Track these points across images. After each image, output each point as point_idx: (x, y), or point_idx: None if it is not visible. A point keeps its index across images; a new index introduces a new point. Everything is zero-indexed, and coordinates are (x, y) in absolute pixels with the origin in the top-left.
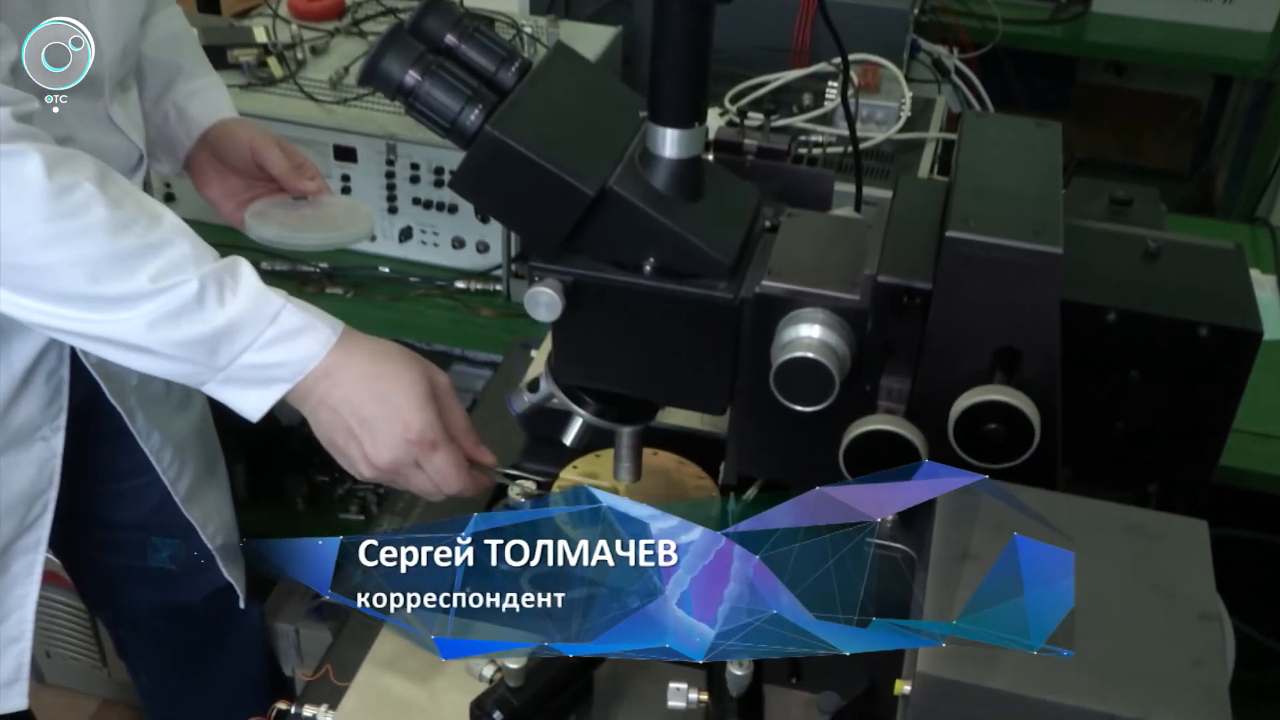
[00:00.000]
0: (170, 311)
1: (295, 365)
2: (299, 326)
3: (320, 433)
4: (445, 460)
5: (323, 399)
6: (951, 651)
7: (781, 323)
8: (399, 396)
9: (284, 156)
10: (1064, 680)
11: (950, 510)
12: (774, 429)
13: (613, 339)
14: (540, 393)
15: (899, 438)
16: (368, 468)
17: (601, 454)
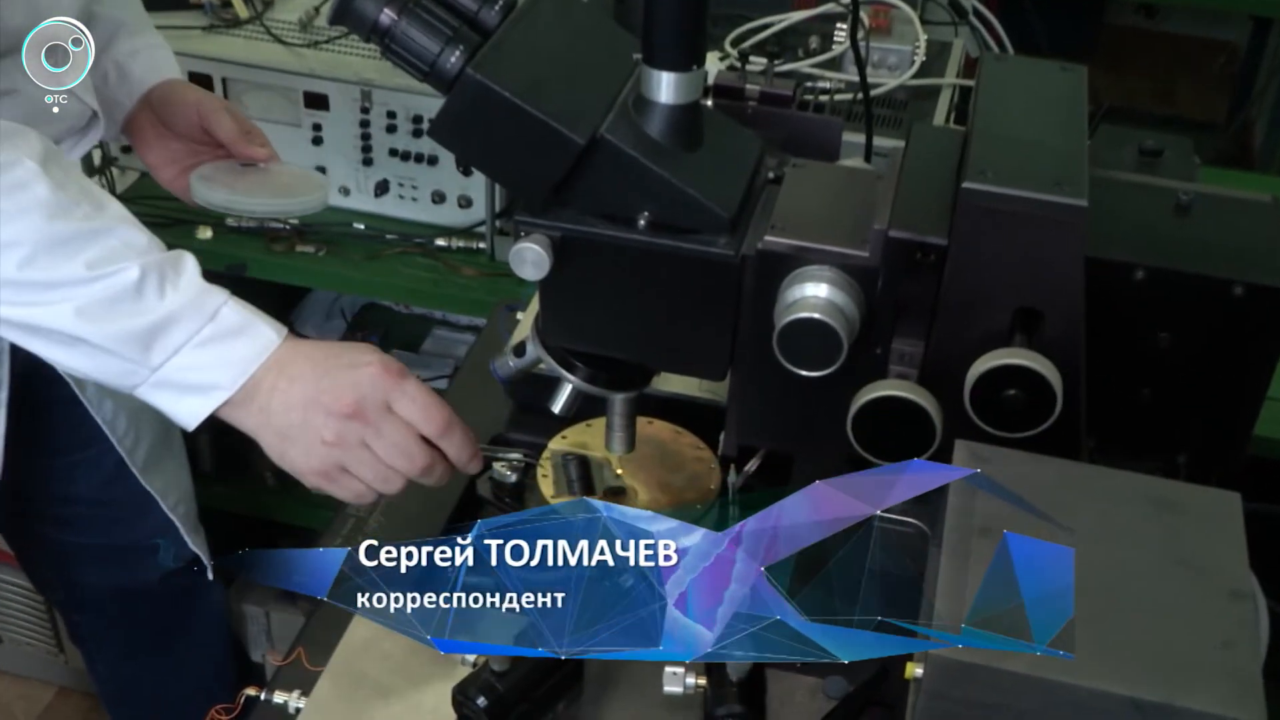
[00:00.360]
0: (105, 299)
1: (234, 369)
2: (238, 325)
3: (265, 442)
4: (422, 386)
5: (264, 408)
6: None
7: (785, 281)
8: (352, 349)
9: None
10: (1085, 662)
11: (964, 487)
12: (777, 396)
13: (604, 299)
14: (526, 357)
15: (911, 404)
16: (326, 429)
17: (593, 423)
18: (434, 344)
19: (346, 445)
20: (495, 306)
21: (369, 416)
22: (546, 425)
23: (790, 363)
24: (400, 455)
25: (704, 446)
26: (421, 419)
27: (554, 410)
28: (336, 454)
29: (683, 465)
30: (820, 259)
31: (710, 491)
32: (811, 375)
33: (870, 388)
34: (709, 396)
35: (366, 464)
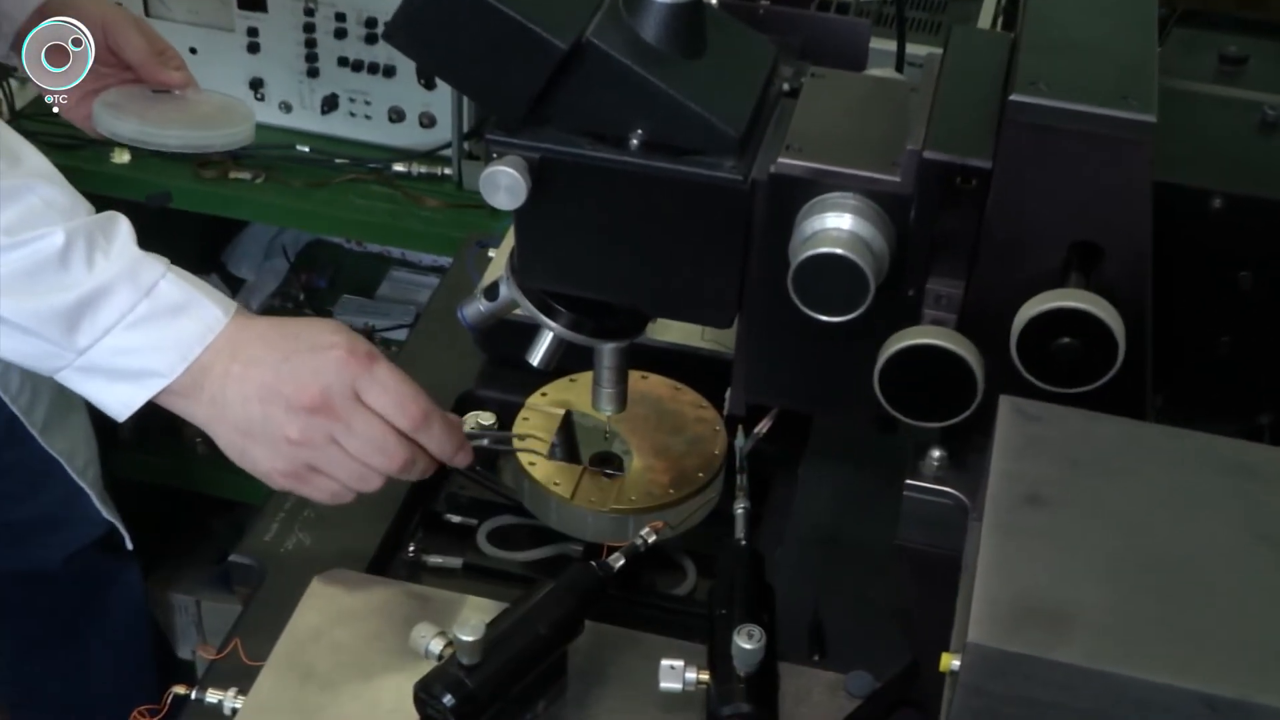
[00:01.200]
0: (24, 271)
1: (173, 352)
2: (179, 302)
3: (222, 439)
4: (395, 373)
5: (217, 399)
6: (1011, 617)
7: (803, 211)
8: (312, 328)
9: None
10: (1150, 652)
11: (1012, 444)
12: (792, 345)
13: (591, 232)
14: (500, 300)
15: (949, 354)
16: (289, 426)
17: (577, 378)
18: (391, 287)
19: (314, 444)
20: (463, 242)
21: (336, 410)
22: (523, 381)
23: (808, 306)
24: (375, 452)
25: (707, 405)
26: (394, 411)
27: (532, 363)
28: (304, 453)
29: (683, 427)
30: (843, 184)
31: (715, 457)
32: (833, 321)
33: (901, 335)
34: (713, 347)
35: (338, 463)
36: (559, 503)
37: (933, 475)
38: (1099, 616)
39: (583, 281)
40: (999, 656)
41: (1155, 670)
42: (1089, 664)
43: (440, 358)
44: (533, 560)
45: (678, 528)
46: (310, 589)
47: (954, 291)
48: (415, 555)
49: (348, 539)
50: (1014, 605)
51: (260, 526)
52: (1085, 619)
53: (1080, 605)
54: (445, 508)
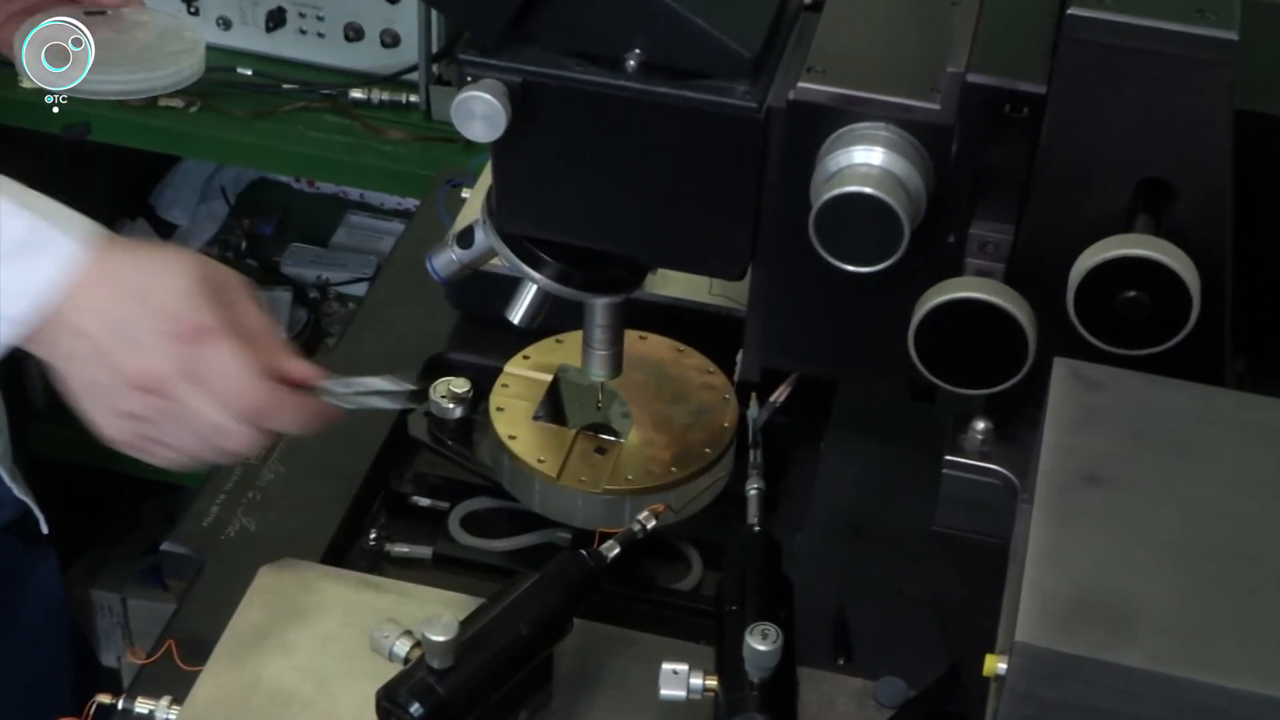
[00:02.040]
0: None
1: (22, 300)
2: (22, 236)
3: (71, 397)
4: (230, 357)
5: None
6: (1065, 614)
7: (826, 144)
8: (160, 286)
9: None
10: (1224, 654)
11: (1068, 415)
12: (814, 300)
13: (580, 168)
14: (475, 248)
15: (995, 310)
16: (123, 400)
17: (565, 338)
18: (348, 234)
19: (151, 419)
20: (432, 181)
21: (168, 391)
22: (502, 342)
23: (832, 255)
24: (215, 433)
25: (716, 370)
26: (225, 402)
27: (512, 320)
28: (142, 427)
29: (687, 394)
30: (873, 113)
31: (724, 430)
32: (861, 272)
33: (940, 289)
34: (722, 303)
35: (179, 436)
36: (544, 483)
37: (976, 450)
38: (1166, 613)
39: (571, 226)
40: (1051, 658)
41: (1229, 674)
42: (1154, 667)
43: (405, 316)
44: (513, 549)
45: (681, 511)
46: (256, 582)
47: (1002, 237)
48: (377, 543)
49: (299, 524)
50: (1069, 600)
51: (197, 511)
52: (1150, 616)
53: (1145, 600)
54: (412, 489)
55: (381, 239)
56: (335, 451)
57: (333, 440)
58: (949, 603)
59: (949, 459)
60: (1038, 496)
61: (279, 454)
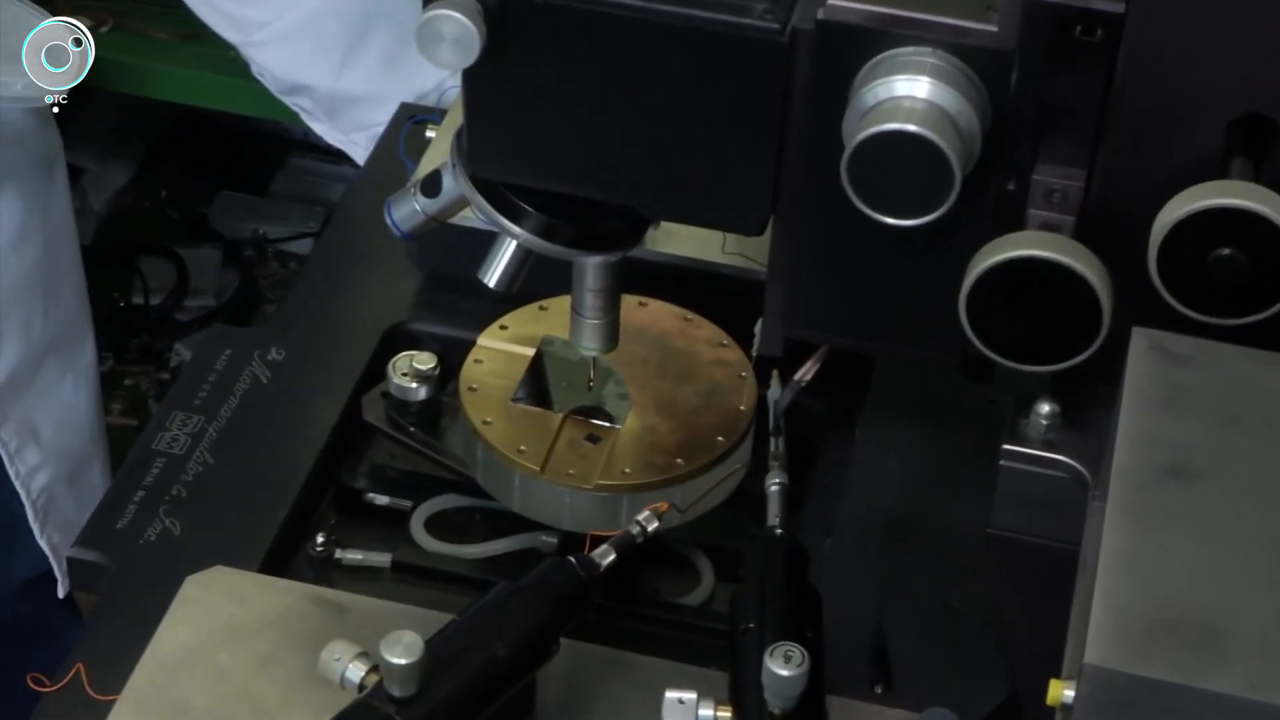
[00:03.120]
0: None
1: None
2: None
3: None
4: None
5: None
6: (1144, 632)
7: (863, 73)
8: None
9: None
10: None
11: (1149, 395)
12: (847, 259)
13: (569, 102)
14: (443, 197)
15: (1064, 271)
16: None
17: (550, 304)
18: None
19: None
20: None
21: None
22: (475, 309)
23: (869, 205)
24: None
25: (730, 342)
26: None
27: (487, 283)
28: None
29: (696, 372)
30: (918, 36)
31: (740, 414)
32: (904, 225)
33: (997, 245)
34: (737, 262)
35: None
36: (524, 477)
37: (1040, 439)
38: (1263, 631)
39: (558, 170)
40: (1127, 684)
41: None
42: (1248, 694)
43: (360, 278)
44: (488, 556)
45: (688, 511)
46: (181, 594)
47: (1071, 184)
48: (326, 548)
49: (233, 526)
50: (1148, 615)
51: (108, 510)
52: (1244, 634)
53: (1237, 616)
54: (367, 484)
55: (330, 186)
56: (276, 439)
57: (273, 427)
58: (1007, 619)
59: (1008, 448)
60: (1112, 493)
61: (209, 441)
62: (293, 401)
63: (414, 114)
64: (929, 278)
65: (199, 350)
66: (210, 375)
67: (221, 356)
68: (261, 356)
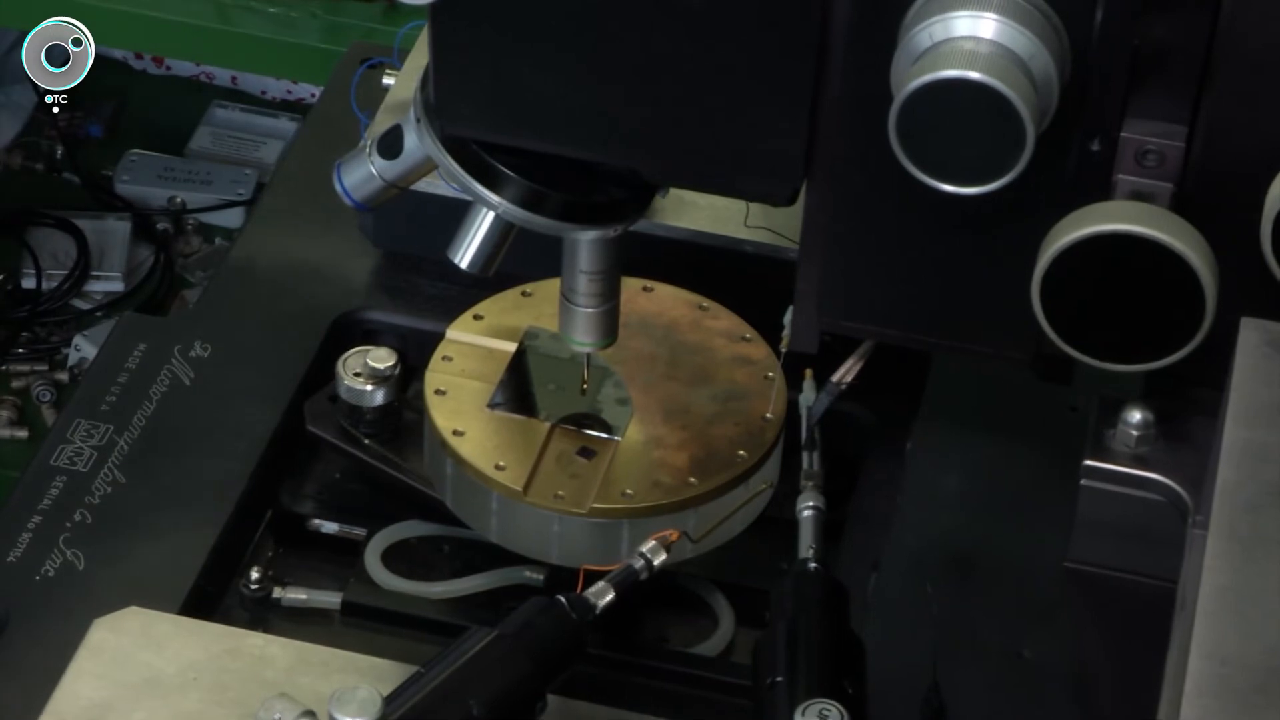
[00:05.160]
0: None
1: None
2: None
3: None
4: None
5: None
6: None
7: (915, 9)
8: None
9: None
10: None
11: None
12: (896, 236)
13: (559, 43)
14: (404, 158)
15: (1158, 249)
16: None
17: (534, 289)
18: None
19: None
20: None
21: None
22: (443, 296)
23: (923, 169)
24: None
25: (754, 336)
26: None
27: (459, 264)
28: None
29: (713, 372)
30: None
31: (765, 424)
32: (965, 193)
33: (1078, 219)
34: (763, 238)
35: None
36: (504, 499)
37: (1129, 453)
38: None
39: (545, 126)
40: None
41: None
42: None
43: (304, 256)
44: (459, 595)
45: (702, 542)
46: (87, 641)
47: (1169, 144)
48: (262, 586)
49: (149, 559)
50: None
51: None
52: None
53: None
54: (313, 508)
55: (262, 144)
56: (201, 454)
57: (197, 438)
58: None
59: (1090, 465)
60: (1215, 518)
61: (119, 456)
62: (221, 407)
63: (368, 56)
64: (995, 258)
65: (106, 345)
66: (120, 375)
67: (134, 353)
68: (183, 352)
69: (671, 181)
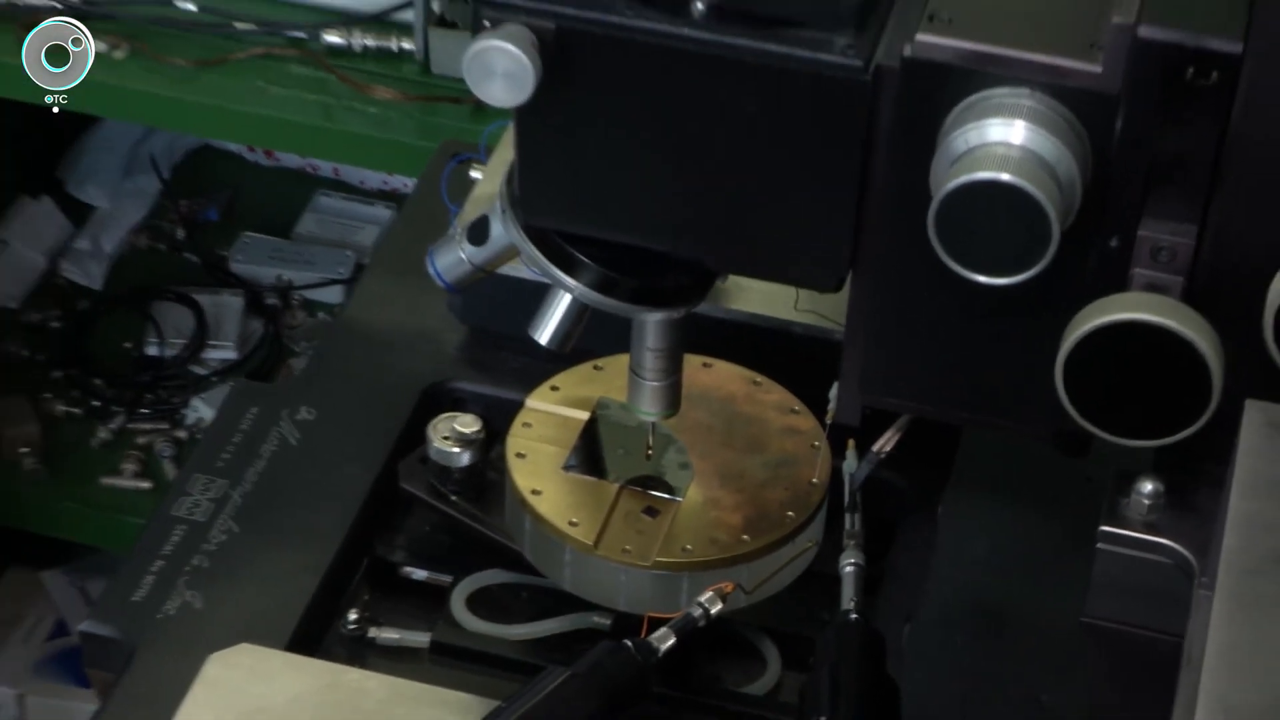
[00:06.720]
0: None
1: None
2: None
3: None
4: None
5: None
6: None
7: (953, 115)
8: None
9: None
10: None
11: (1263, 475)
12: (933, 320)
13: (630, 143)
14: (490, 245)
15: (1171, 336)
16: None
17: (605, 364)
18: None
19: None
20: (433, 155)
21: None
22: (524, 369)
23: (958, 261)
24: None
25: (802, 407)
26: None
27: (538, 340)
28: None
29: (765, 441)
30: (1014, 75)
31: (812, 488)
32: (996, 283)
33: (1099, 308)
34: (811, 321)
35: None
36: (576, 553)
37: (1141, 520)
38: None
39: (617, 219)
40: None
41: None
42: None
43: (398, 332)
44: (536, 637)
45: (754, 593)
46: (203, 674)
47: (1180, 241)
48: (359, 626)
49: (259, 600)
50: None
51: (126, 581)
52: None
53: None
54: (405, 557)
55: (361, 229)
56: (306, 507)
57: (302, 492)
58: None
59: (1106, 530)
60: (1221, 581)
61: (233, 508)
62: (324, 465)
63: (457, 152)
64: (1022, 342)
65: (222, 408)
66: (234, 435)
67: (246, 415)
68: (290, 415)
69: (730, 269)
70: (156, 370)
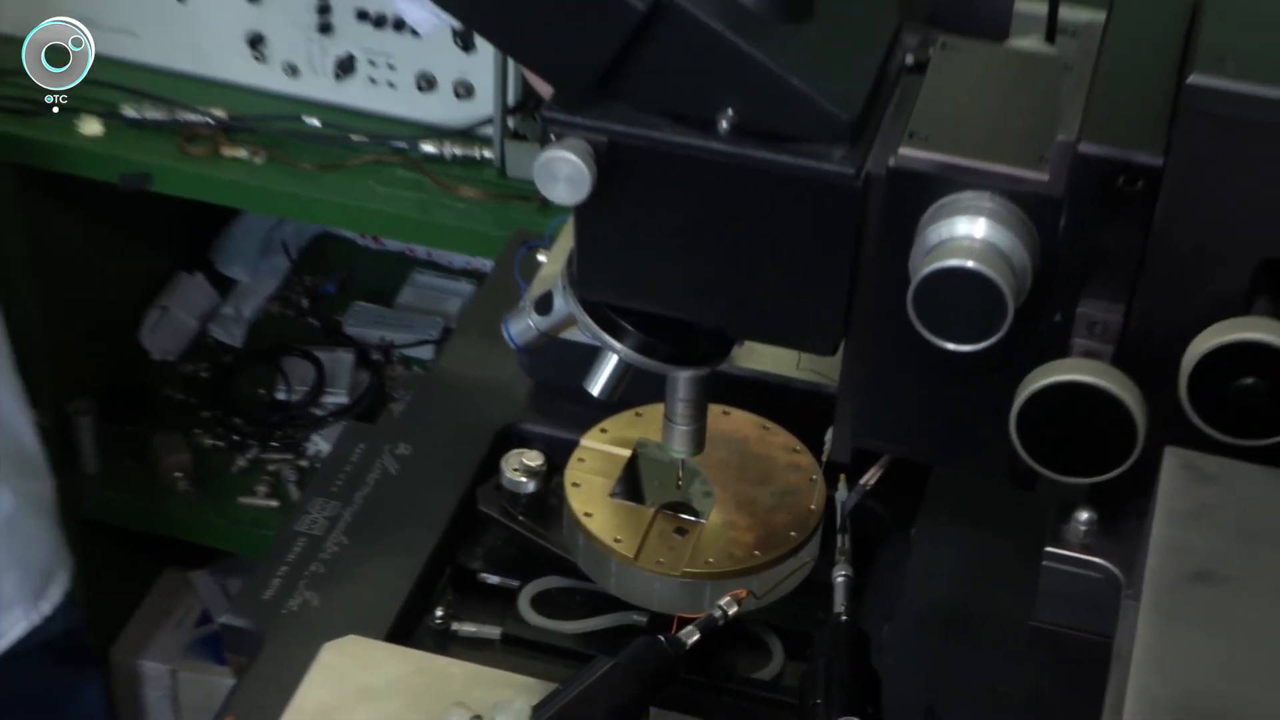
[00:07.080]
0: None
1: None
2: None
3: None
4: None
5: None
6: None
7: (928, 214)
8: None
9: None
10: None
11: (1179, 507)
12: (911, 379)
13: (668, 234)
14: (553, 316)
15: (1104, 395)
16: None
17: (645, 411)
18: (416, 294)
19: None
20: (507, 243)
21: None
22: (578, 414)
23: (931, 331)
24: None
25: (803, 448)
26: None
27: (592, 392)
28: None
29: (773, 474)
30: (978, 182)
31: (810, 513)
32: (962, 350)
33: (1044, 370)
34: (811, 378)
35: None
36: (620, 564)
37: (1079, 543)
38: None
39: (656, 295)
40: None
41: None
42: None
43: (476, 383)
44: (586, 632)
45: (763, 598)
46: (319, 659)
47: (1112, 317)
48: (444, 621)
49: (364, 600)
50: (1177, 707)
51: (258, 582)
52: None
53: (1260, 710)
54: (481, 565)
55: (448, 300)
56: (402, 525)
57: (400, 513)
58: (1048, 703)
59: (1050, 550)
60: (1145, 594)
61: (344, 526)
62: (417, 491)
63: (527, 239)
64: (983, 397)
65: (336, 444)
66: (346, 466)
67: (356, 450)
68: (390, 450)
69: (746, 336)
70: (284, 412)
